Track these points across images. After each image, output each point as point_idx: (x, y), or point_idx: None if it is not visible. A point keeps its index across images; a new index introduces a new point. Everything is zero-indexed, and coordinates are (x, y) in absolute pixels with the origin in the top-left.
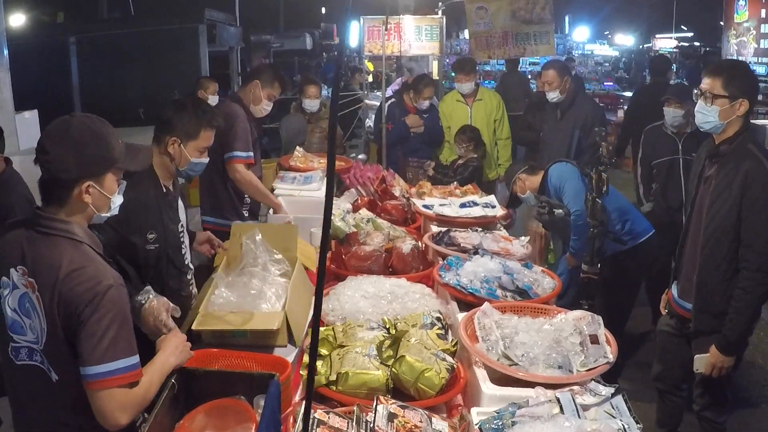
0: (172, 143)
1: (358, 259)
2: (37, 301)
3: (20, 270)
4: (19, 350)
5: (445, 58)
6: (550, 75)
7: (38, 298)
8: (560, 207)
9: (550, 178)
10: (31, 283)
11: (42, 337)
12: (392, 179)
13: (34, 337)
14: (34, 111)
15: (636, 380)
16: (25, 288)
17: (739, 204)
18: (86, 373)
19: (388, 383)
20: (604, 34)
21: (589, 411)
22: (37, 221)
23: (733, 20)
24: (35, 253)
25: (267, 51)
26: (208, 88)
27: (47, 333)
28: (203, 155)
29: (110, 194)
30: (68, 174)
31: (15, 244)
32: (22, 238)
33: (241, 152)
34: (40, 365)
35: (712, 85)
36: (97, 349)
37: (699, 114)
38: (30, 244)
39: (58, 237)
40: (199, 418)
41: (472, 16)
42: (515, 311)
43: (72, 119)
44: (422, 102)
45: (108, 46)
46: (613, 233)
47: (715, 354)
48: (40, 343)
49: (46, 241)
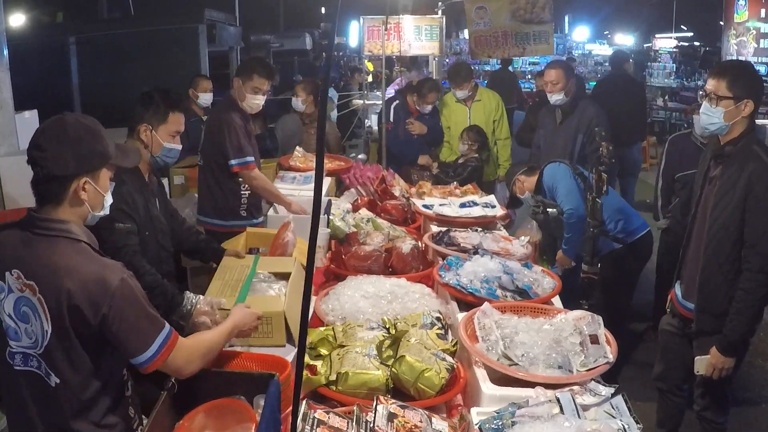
0: (144, 130)
1: (358, 259)
2: (39, 304)
3: (14, 273)
4: (14, 356)
5: (445, 58)
6: (556, 75)
7: (40, 300)
8: (554, 206)
9: (544, 178)
10: (29, 285)
11: (43, 341)
12: (392, 179)
13: (31, 342)
14: (34, 111)
15: (636, 380)
16: (21, 292)
17: (742, 205)
18: (138, 363)
19: (388, 383)
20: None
21: (589, 411)
22: (33, 222)
23: (733, 20)
24: (33, 255)
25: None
26: (198, 86)
27: (51, 335)
28: (175, 140)
29: (104, 192)
30: (66, 170)
31: (8, 247)
32: (17, 240)
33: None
34: (37, 371)
35: (716, 87)
36: (137, 341)
37: (704, 115)
38: (26, 246)
39: (57, 237)
40: (199, 418)
41: (472, 16)
42: (515, 311)
43: (65, 117)
44: (425, 107)
45: (108, 46)
46: (607, 232)
47: (716, 355)
48: (39, 347)
49: (44, 243)
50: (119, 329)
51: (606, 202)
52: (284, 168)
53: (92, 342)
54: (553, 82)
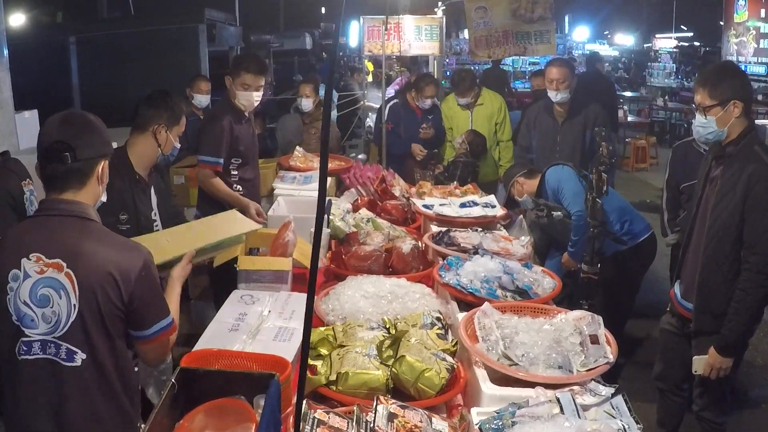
0: (160, 130)
1: (358, 259)
2: (68, 279)
3: (33, 257)
4: (31, 344)
5: (445, 58)
6: (562, 73)
7: (69, 275)
8: (558, 209)
9: (547, 181)
10: (53, 264)
11: (68, 319)
12: (392, 179)
13: (49, 326)
14: (34, 111)
15: (636, 380)
16: (40, 274)
17: (742, 205)
18: (140, 335)
19: (388, 383)
20: (604, 33)
21: (589, 411)
22: (55, 207)
23: (733, 20)
24: (58, 235)
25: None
26: (194, 87)
27: (78, 311)
28: (177, 140)
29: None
30: (96, 152)
31: (27, 234)
32: (36, 226)
33: (205, 156)
34: (54, 357)
35: (701, 98)
36: (149, 315)
37: (700, 128)
38: (47, 230)
39: (82, 219)
40: (199, 418)
41: (472, 16)
42: (515, 311)
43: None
44: (424, 101)
45: (108, 46)
46: (612, 234)
47: (714, 355)
48: (60, 329)
49: (69, 223)
50: (140, 304)
51: (610, 202)
52: (284, 168)
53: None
54: (559, 81)
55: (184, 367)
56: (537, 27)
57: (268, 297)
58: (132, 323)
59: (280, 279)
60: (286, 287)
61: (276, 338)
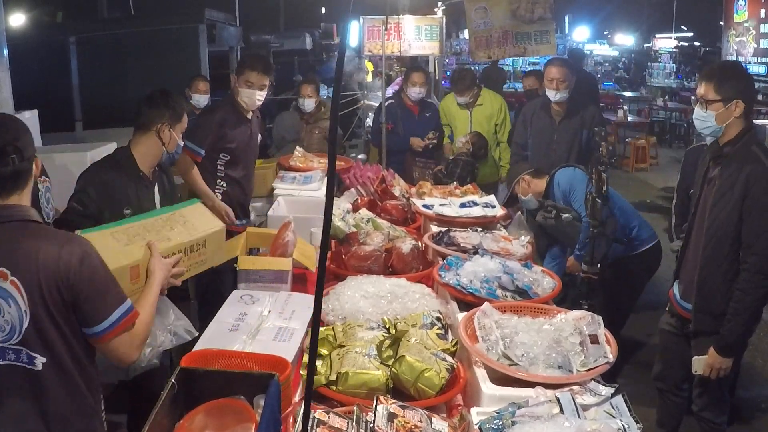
0: (164, 129)
1: (358, 259)
2: (14, 287)
3: None
4: None
5: (445, 58)
6: (563, 73)
7: (14, 283)
8: (568, 211)
9: (558, 182)
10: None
11: (21, 326)
12: (392, 179)
13: (5, 334)
14: (34, 111)
15: (636, 380)
16: None
17: (740, 205)
18: (94, 332)
19: (388, 383)
20: (604, 33)
21: (589, 411)
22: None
23: (733, 20)
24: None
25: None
26: (193, 87)
27: (30, 316)
28: (181, 138)
29: None
30: (33, 151)
31: None
32: None
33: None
34: (15, 362)
35: (705, 91)
36: (98, 308)
37: (697, 120)
38: None
39: (22, 221)
40: (198, 418)
41: (472, 16)
42: (515, 311)
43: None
44: (412, 89)
45: (108, 46)
46: (620, 239)
47: (713, 355)
48: (16, 335)
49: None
50: (87, 296)
51: (619, 208)
52: (284, 168)
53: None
54: (559, 80)
55: (184, 367)
56: (537, 27)
57: (268, 297)
58: (85, 320)
59: (280, 279)
60: (286, 287)
61: (276, 338)
